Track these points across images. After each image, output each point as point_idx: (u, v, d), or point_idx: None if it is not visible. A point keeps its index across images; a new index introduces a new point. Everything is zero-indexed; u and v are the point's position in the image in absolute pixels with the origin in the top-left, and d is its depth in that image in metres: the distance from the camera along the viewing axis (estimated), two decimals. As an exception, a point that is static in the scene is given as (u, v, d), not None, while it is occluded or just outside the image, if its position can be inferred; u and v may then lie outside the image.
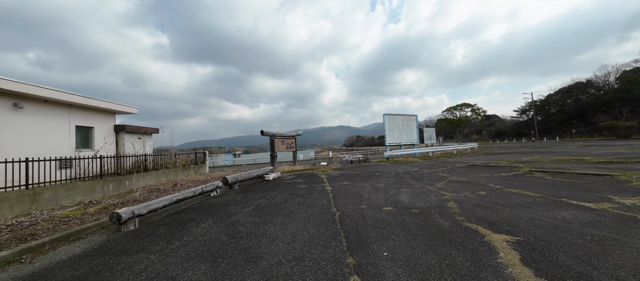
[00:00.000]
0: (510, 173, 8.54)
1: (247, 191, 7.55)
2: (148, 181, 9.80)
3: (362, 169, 12.48)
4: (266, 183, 9.08)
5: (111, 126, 9.86)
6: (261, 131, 13.54)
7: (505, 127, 65.68)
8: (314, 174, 10.98)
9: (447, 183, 7.14)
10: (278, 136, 14.64)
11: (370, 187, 7.13)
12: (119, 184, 8.53)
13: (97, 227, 4.67)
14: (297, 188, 7.60)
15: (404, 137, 19.09)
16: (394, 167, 12.50)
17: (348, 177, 9.58)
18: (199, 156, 14.43)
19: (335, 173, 11.07)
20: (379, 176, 9.44)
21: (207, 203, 6.27)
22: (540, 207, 4.44)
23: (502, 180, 7.22)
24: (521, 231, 3.34)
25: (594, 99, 44.97)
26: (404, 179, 8.37)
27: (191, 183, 9.10)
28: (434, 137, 21.33)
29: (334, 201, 5.65)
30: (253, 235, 3.77)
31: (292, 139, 15.73)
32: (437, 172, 9.70)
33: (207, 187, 7.02)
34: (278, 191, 7.35)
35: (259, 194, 6.92)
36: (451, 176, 8.37)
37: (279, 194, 6.74)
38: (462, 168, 10.55)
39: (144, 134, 10.79)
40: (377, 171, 11.16)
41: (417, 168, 11.65)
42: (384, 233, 3.55)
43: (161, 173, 10.55)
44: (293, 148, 15.73)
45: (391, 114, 18.73)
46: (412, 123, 19.84)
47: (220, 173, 13.61)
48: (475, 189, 6.09)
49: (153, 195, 7.14)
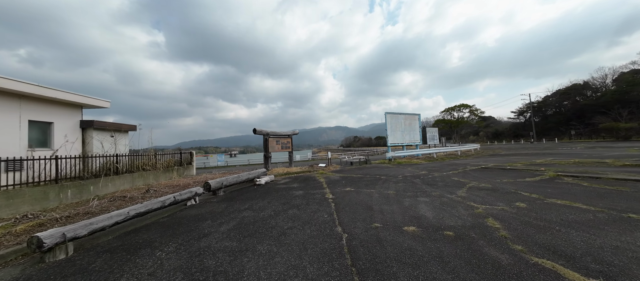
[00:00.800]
0: (534, 177, 7.51)
1: (233, 199, 6.34)
2: (120, 186, 8.49)
3: (364, 171, 11.36)
4: (257, 189, 7.87)
5: (76, 121, 8.52)
6: (254, 129, 12.32)
7: (503, 129, 65.51)
8: (312, 178, 9.81)
9: (470, 191, 6.04)
10: (272, 135, 13.43)
11: (379, 195, 5.98)
12: (81, 191, 7.22)
13: (16, 255, 3.41)
14: (292, 195, 6.41)
15: (406, 137, 18.05)
16: (399, 169, 11.41)
17: (350, 181, 8.44)
18: (184, 156, 13.11)
19: (336, 176, 9.91)
20: (385, 180, 8.32)
21: (180, 216, 5.04)
22: (611, 227, 3.36)
23: (532, 187, 6.16)
24: (618, 272, 2.24)
25: (591, 100, 44.87)
26: (416, 184, 7.26)
27: (168, 189, 7.84)
28: (436, 137, 20.38)
29: (338, 214, 4.48)
30: (223, 274, 2.58)
31: (288, 138, 14.54)
32: (450, 176, 8.62)
33: (183, 195, 5.79)
34: (269, 199, 6.16)
35: (246, 204, 5.71)
36: (469, 181, 7.30)
37: (270, 204, 5.55)
38: (475, 172, 9.51)
39: (117, 131, 9.46)
40: (381, 174, 10.05)
41: (425, 170, 10.57)
42: (417, 274, 2.40)
43: (137, 176, 9.24)
44: (289, 148, 14.54)
45: (393, 113, 17.68)
46: (414, 123, 18.82)
47: (207, 175, 12.34)
48: (509, 200, 5.00)
49: (114, 205, 5.87)
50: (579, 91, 50.71)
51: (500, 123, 70.13)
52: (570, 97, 52.00)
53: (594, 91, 48.40)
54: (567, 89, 52.54)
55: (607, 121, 35.63)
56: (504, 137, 59.04)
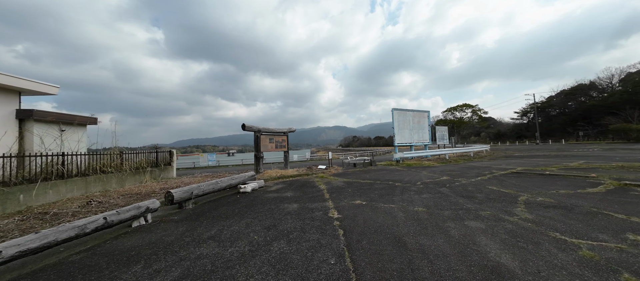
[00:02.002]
0: (594, 187, 5.81)
1: (199, 218, 4.57)
2: (66, 193, 6.68)
3: (371, 175, 9.63)
4: (239, 199, 6.10)
5: (11, 110, 6.69)
6: (243, 125, 10.53)
7: (505, 130, 64.17)
8: (310, 183, 8.06)
9: (531, 209, 4.31)
10: (265, 132, 11.65)
11: (404, 214, 4.24)
12: (4, 201, 5.41)
13: None
14: (283, 212, 4.66)
15: (414, 136, 16.35)
16: (413, 173, 9.69)
17: (358, 189, 6.69)
18: (162, 156, 11.28)
19: (339, 182, 8.17)
20: (402, 188, 6.58)
21: (104, 250, 3.26)
22: None
23: (610, 202, 4.45)
24: None
25: (599, 101, 43.55)
26: (446, 196, 5.53)
27: (122, 199, 6.03)
28: (446, 137, 18.69)
29: (352, 258, 2.72)
30: None
31: (284, 136, 12.78)
32: (482, 184, 6.90)
33: (123, 214, 4.01)
34: (250, 218, 4.40)
35: (213, 228, 3.95)
36: (515, 192, 5.58)
37: (248, 230, 3.80)
38: (508, 178, 7.80)
39: (68, 124, 7.62)
40: (394, 179, 8.31)
41: (445, 175, 8.85)
42: None
43: (93, 181, 7.42)
44: (284, 147, 12.78)
45: (401, 110, 15.97)
46: (423, 121, 17.13)
47: (186, 179, 10.53)
48: (610, 228, 3.28)
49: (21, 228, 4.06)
50: (584, 91, 49.44)
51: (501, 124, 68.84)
52: (575, 98, 50.76)
53: (600, 92, 47.12)
54: (573, 89, 51.26)
55: (617, 122, 34.28)
56: (506, 138, 57.72)
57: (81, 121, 8.01)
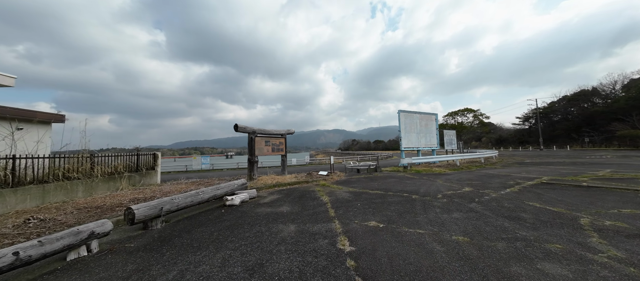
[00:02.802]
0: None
1: (164, 246, 3.42)
2: (16, 205, 5.49)
3: (379, 183, 8.50)
4: (223, 215, 4.95)
5: (-50, 104, 5.55)
6: (235, 126, 9.41)
7: (507, 135, 63.37)
8: (310, 194, 6.92)
9: (610, 238, 3.19)
10: (260, 134, 10.52)
11: (442, 248, 3.09)
12: None
13: None
14: (276, 240, 3.52)
15: (422, 140, 15.27)
16: (427, 182, 8.57)
17: (369, 203, 5.55)
18: (144, 159, 10.09)
19: (344, 192, 7.02)
20: (423, 203, 5.46)
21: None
22: None
23: None
24: None
25: (603, 107, 42.88)
26: (483, 215, 4.40)
27: (73, 214, 4.85)
28: (454, 142, 17.62)
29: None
30: None
31: (281, 138, 11.65)
32: (517, 198, 5.78)
33: (53, 243, 2.84)
34: (230, 248, 3.26)
35: (175, 267, 2.80)
36: (568, 212, 4.47)
37: (224, 270, 2.64)
38: (543, 190, 6.69)
39: (26, 121, 6.46)
40: (407, 190, 7.19)
41: (466, 186, 7.74)
42: None
43: (54, 189, 6.23)
44: (282, 150, 11.64)
45: (408, 112, 14.91)
46: (431, 124, 16.07)
47: (170, 186, 9.33)
48: None
49: None
50: (587, 97, 48.84)
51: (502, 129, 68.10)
52: (577, 104, 50.16)
53: (603, 98, 46.54)
54: (575, 95, 50.67)
55: (624, 128, 33.50)
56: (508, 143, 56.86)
57: (44, 118, 6.85)
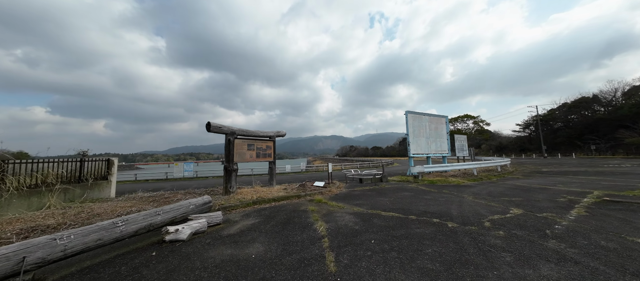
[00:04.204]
0: None
1: None
2: None
3: (390, 199, 6.57)
4: (150, 265, 2.97)
5: None
6: (208, 124, 7.46)
7: (507, 142, 62.31)
8: (300, 216, 4.96)
9: None
10: (242, 136, 8.57)
11: None
12: None
13: None
14: None
15: (432, 146, 13.45)
16: (452, 198, 6.67)
17: (388, 237, 3.62)
18: (94, 166, 8.01)
19: (347, 215, 5.07)
20: (470, 237, 3.53)
21: None
22: None
23: None
24: None
25: (606, 114, 42.05)
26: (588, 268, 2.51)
27: None
28: (466, 148, 15.85)
29: None
30: None
31: (269, 142, 9.69)
32: (594, 223, 3.90)
33: None
34: None
35: None
36: None
37: None
38: (618, 211, 4.82)
39: None
40: (434, 211, 5.26)
41: (508, 204, 5.84)
42: None
43: None
44: (270, 156, 9.66)
45: (416, 113, 13.15)
46: (442, 127, 14.31)
47: (123, 203, 7.26)
48: None
49: None
50: (588, 104, 48.19)
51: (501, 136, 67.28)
52: (578, 111, 49.47)
53: (605, 105, 45.91)
54: (576, 102, 50.02)
55: (632, 135, 32.40)
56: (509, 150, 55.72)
57: None
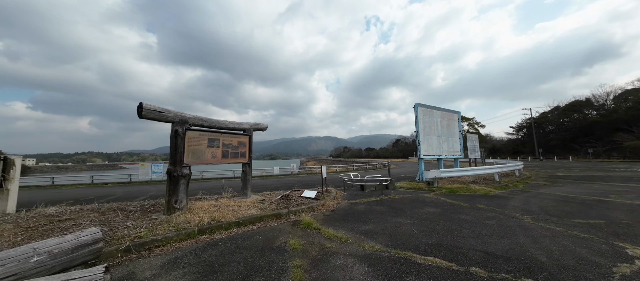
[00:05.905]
0: None
1: None
2: None
3: (414, 222, 4.32)
4: None
5: None
6: (139, 105, 4.99)
7: (500, 145, 62.19)
8: (270, 266, 2.64)
9: None
10: (197, 126, 6.09)
11: None
12: None
13: None
14: None
15: (443, 146, 11.38)
16: (492, 213, 4.47)
17: None
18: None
19: (353, 262, 2.76)
20: None
21: None
22: None
23: None
24: None
25: (600, 117, 41.92)
26: None
27: None
28: (478, 149, 13.96)
29: None
30: None
31: (243, 136, 7.22)
32: None
33: None
34: None
35: None
36: None
37: None
38: None
39: None
40: (505, 249, 3.03)
41: (590, 231, 3.69)
42: None
43: None
44: (243, 155, 7.18)
45: (427, 107, 11.04)
46: (454, 124, 12.28)
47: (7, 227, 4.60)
48: None
49: None
50: (581, 107, 48.27)
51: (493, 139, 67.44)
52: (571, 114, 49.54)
53: (597, 109, 46.06)
54: (569, 105, 50.05)
55: (629, 139, 31.90)
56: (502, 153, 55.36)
57: None
